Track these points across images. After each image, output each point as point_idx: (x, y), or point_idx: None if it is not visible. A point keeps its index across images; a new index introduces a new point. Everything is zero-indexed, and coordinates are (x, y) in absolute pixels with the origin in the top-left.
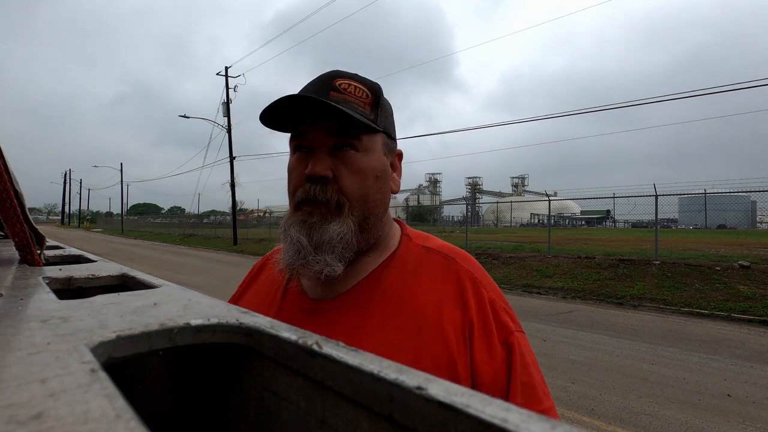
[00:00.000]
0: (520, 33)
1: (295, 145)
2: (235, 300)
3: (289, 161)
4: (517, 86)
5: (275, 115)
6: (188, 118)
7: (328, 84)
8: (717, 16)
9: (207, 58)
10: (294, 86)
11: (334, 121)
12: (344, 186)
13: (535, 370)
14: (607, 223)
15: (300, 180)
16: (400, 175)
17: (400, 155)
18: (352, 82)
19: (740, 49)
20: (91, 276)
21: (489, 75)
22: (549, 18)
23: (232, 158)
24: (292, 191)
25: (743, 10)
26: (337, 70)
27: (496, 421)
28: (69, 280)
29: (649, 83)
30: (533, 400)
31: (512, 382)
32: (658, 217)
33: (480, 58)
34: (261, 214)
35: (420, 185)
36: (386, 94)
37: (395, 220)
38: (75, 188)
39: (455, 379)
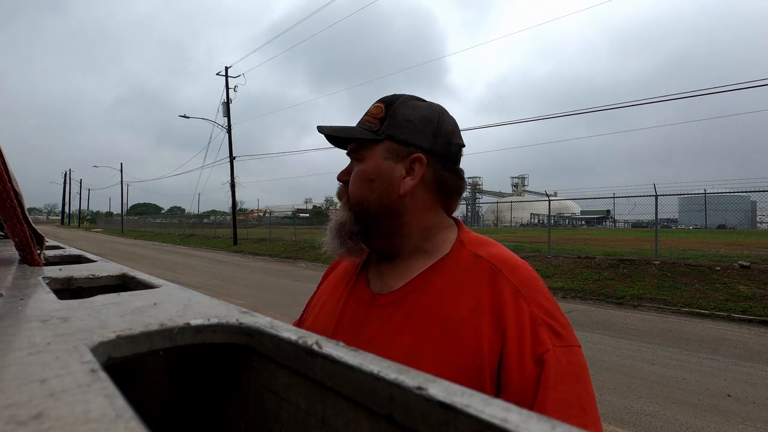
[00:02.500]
0: (507, 39)
1: None
2: (316, 291)
3: None
4: (505, 92)
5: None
6: (188, 118)
7: (370, 108)
8: (698, 24)
9: (206, 63)
10: (292, 87)
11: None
12: (349, 188)
13: (575, 385)
14: (607, 223)
15: None
16: (415, 178)
17: (417, 159)
18: (379, 104)
19: (720, 54)
20: (91, 276)
21: (479, 81)
22: (534, 24)
23: (232, 158)
24: None
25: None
26: (387, 95)
27: (496, 421)
28: (69, 280)
29: (634, 88)
30: (564, 416)
31: (538, 397)
32: (658, 217)
33: (470, 64)
34: (261, 214)
35: None
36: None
37: (455, 220)
38: (75, 188)
39: (482, 384)
